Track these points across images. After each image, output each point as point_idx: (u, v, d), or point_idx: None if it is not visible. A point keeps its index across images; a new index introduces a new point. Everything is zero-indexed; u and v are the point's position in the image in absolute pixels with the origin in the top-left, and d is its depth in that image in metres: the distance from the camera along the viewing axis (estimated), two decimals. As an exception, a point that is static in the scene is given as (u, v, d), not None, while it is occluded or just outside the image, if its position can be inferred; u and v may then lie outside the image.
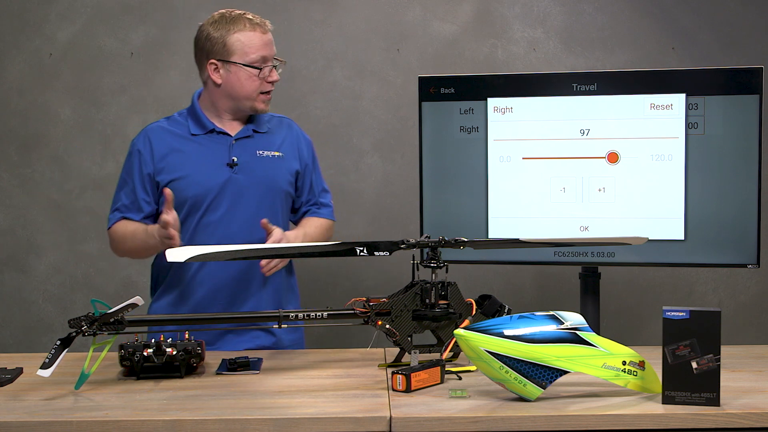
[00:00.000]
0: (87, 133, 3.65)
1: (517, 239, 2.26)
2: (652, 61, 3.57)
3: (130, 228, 2.47)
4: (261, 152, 2.50)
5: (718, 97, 2.81)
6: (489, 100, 2.91)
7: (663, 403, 1.83)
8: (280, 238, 2.36)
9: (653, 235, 2.56)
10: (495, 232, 2.88)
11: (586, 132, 2.90)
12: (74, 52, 3.62)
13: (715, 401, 1.81)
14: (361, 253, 2.13)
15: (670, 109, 2.85)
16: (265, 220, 2.37)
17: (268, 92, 2.49)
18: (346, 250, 2.15)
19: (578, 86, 2.88)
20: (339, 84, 3.64)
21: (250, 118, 2.54)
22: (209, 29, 2.48)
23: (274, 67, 2.49)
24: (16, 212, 3.67)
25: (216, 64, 2.45)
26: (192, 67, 3.65)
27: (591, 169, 2.91)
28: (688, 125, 2.84)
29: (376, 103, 3.64)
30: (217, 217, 2.45)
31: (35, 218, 3.66)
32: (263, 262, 2.39)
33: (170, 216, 2.28)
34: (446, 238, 2.15)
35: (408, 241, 2.15)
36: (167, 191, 2.33)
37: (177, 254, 2.09)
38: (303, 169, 2.60)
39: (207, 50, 2.46)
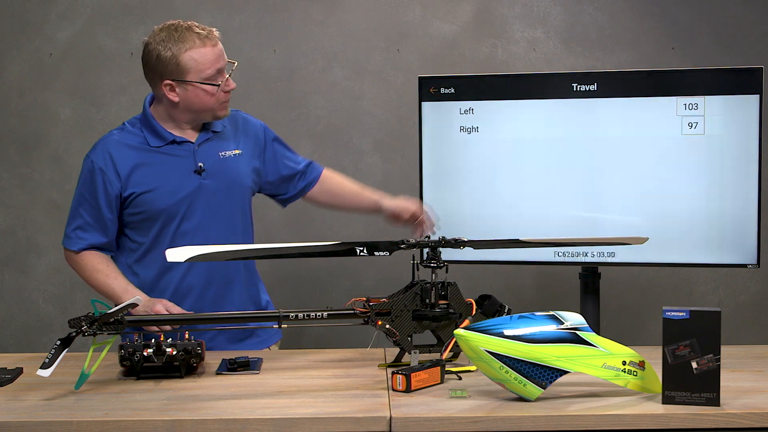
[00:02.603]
0: (87, 133, 3.64)
1: (517, 239, 2.26)
2: (652, 61, 3.57)
3: (99, 267, 2.41)
4: (223, 153, 2.46)
5: (718, 97, 2.81)
6: (492, 102, 2.91)
7: (663, 403, 1.83)
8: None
9: (654, 235, 2.56)
10: (495, 232, 2.88)
11: (586, 132, 2.90)
12: (74, 52, 3.62)
13: (715, 401, 1.81)
14: (361, 253, 2.13)
15: (671, 110, 2.85)
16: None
17: (227, 100, 2.44)
18: (346, 250, 2.15)
19: (578, 86, 2.88)
20: (339, 84, 3.64)
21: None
22: (159, 49, 2.37)
23: (229, 73, 2.43)
24: (16, 212, 3.67)
25: (171, 84, 2.37)
26: (192, 67, 3.65)
27: (591, 169, 2.91)
28: (688, 125, 2.85)
29: (376, 103, 3.64)
30: (193, 225, 2.42)
31: (35, 218, 3.66)
32: None
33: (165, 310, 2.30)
34: (446, 238, 2.15)
35: (408, 241, 2.15)
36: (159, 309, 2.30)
37: (177, 254, 2.09)
38: (272, 155, 2.57)
39: (160, 71, 2.37)
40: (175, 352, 2.05)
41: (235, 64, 2.45)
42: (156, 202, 2.40)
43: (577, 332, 1.90)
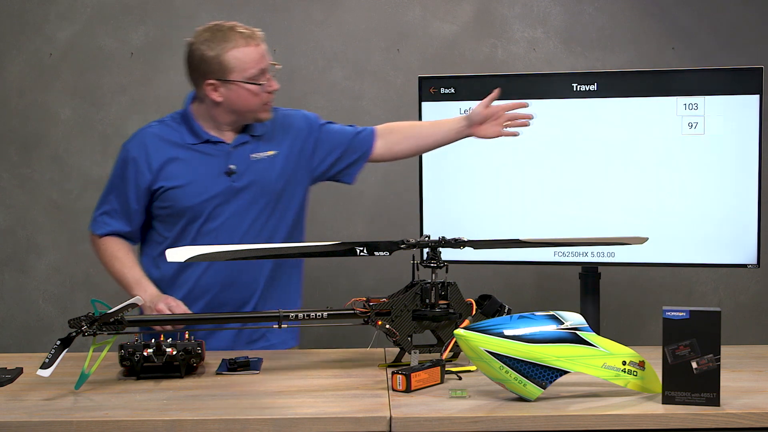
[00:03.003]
0: (87, 133, 3.65)
1: (517, 239, 2.26)
2: (652, 61, 3.57)
3: (118, 255, 2.43)
4: (255, 155, 2.44)
5: (718, 97, 2.82)
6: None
7: (663, 403, 1.83)
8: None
9: (654, 235, 2.56)
10: (495, 232, 2.88)
11: (585, 132, 2.90)
12: (74, 52, 3.62)
13: (715, 401, 1.81)
14: (361, 253, 2.13)
15: (671, 110, 2.85)
16: None
17: (269, 101, 2.43)
18: (346, 250, 2.15)
19: (578, 86, 2.88)
20: (339, 84, 3.64)
21: (246, 124, 2.47)
22: (202, 49, 2.36)
23: (273, 74, 2.41)
24: (16, 212, 3.67)
25: (214, 84, 2.36)
26: (192, 67, 3.65)
27: (591, 169, 2.91)
28: (688, 125, 2.85)
29: (376, 103, 3.64)
30: (218, 225, 2.42)
31: (35, 218, 3.66)
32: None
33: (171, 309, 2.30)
34: (446, 238, 2.15)
35: (408, 241, 2.15)
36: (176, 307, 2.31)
37: (177, 254, 2.09)
38: (317, 143, 2.51)
39: (203, 71, 2.36)
40: (175, 352, 2.05)
41: (278, 66, 2.44)
42: (183, 198, 2.40)
43: (577, 332, 1.90)
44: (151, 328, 2.27)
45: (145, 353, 2.05)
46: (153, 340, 2.07)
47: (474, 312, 2.14)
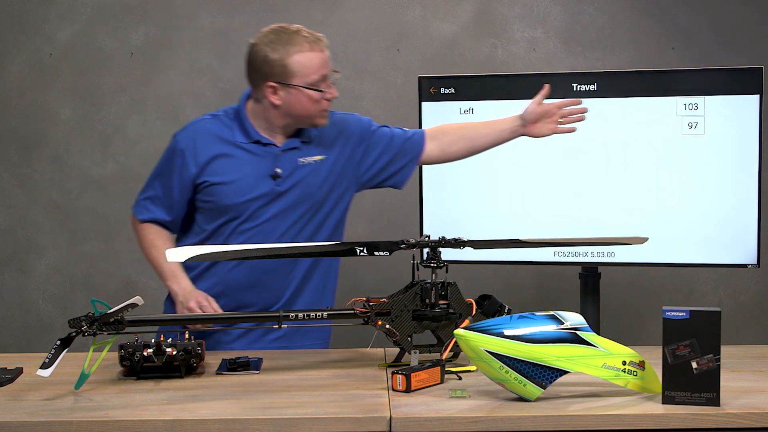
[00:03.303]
0: (87, 133, 3.65)
1: (517, 239, 2.25)
2: (652, 61, 3.57)
3: (156, 244, 2.44)
4: (303, 160, 2.42)
5: (718, 97, 2.82)
6: (492, 102, 2.91)
7: (663, 403, 1.83)
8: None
9: (654, 235, 2.56)
10: (495, 232, 2.88)
11: (585, 132, 2.90)
12: (74, 52, 3.62)
13: (715, 401, 1.81)
14: (361, 253, 2.13)
15: (671, 110, 2.85)
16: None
17: (327, 108, 2.40)
18: (346, 250, 2.15)
19: (578, 86, 2.88)
20: (339, 84, 3.61)
21: (298, 129, 2.44)
22: (266, 50, 2.33)
23: (333, 81, 2.39)
24: (16, 212, 3.67)
25: (275, 87, 2.35)
26: (192, 66, 3.67)
27: (591, 169, 2.92)
28: (688, 125, 2.85)
29: (376, 103, 3.64)
30: (255, 226, 2.41)
31: (35, 218, 3.67)
32: None
33: (203, 308, 2.31)
34: (446, 238, 2.15)
35: (408, 241, 2.15)
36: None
37: (177, 254, 2.09)
38: (364, 149, 2.49)
39: (265, 72, 2.34)
40: (175, 352, 2.05)
41: (338, 75, 2.42)
42: (225, 196, 2.40)
43: (577, 332, 1.90)
44: (186, 327, 2.28)
45: (145, 353, 2.04)
46: (153, 340, 2.07)
47: (474, 312, 2.14)
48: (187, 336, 2.11)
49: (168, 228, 2.49)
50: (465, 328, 1.89)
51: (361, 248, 2.13)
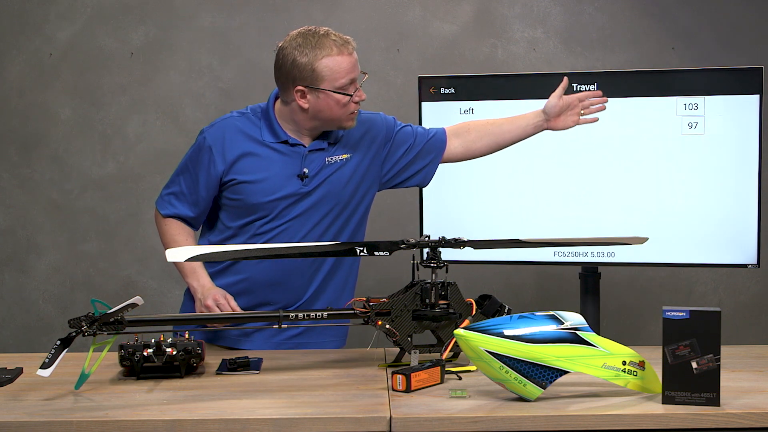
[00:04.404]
0: (87, 133, 3.65)
1: (517, 239, 2.25)
2: (652, 61, 3.57)
3: (178, 240, 2.44)
4: (330, 159, 2.41)
5: (718, 97, 2.82)
6: (492, 102, 2.91)
7: (663, 403, 1.83)
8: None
9: (654, 235, 2.56)
10: (495, 232, 2.88)
11: (586, 132, 2.90)
12: (74, 52, 3.62)
13: (715, 401, 1.81)
14: (361, 253, 2.13)
15: (671, 110, 2.85)
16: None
17: (355, 111, 2.39)
18: (346, 250, 2.15)
19: (578, 86, 2.88)
20: (339, 84, 3.63)
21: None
22: (295, 54, 2.31)
23: (360, 84, 2.37)
24: (16, 212, 3.67)
25: (303, 91, 2.33)
26: (192, 66, 3.67)
27: (591, 169, 2.92)
28: (688, 125, 2.85)
29: (376, 103, 3.63)
30: (280, 225, 2.41)
31: (35, 218, 3.67)
32: None
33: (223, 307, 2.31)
34: (446, 238, 2.15)
35: (408, 241, 2.15)
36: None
37: (177, 254, 2.09)
38: (389, 148, 2.48)
39: (294, 76, 2.33)
40: (175, 352, 2.05)
41: (366, 77, 2.39)
42: (252, 195, 2.39)
43: (577, 332, 1.90)
44: (205, 325, 2.29)
45: (145, 353, 2.04)
46: (153, 340, 2.07)
47: (474, 312, 2.14)
48: (186, 336, 2.11)
49: (190, 224, 2.49)
50: (465, 328, 1.89)
51: (361, 248, 2.13)
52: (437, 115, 2.93)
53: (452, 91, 2.95)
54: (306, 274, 2.44)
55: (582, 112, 2.48)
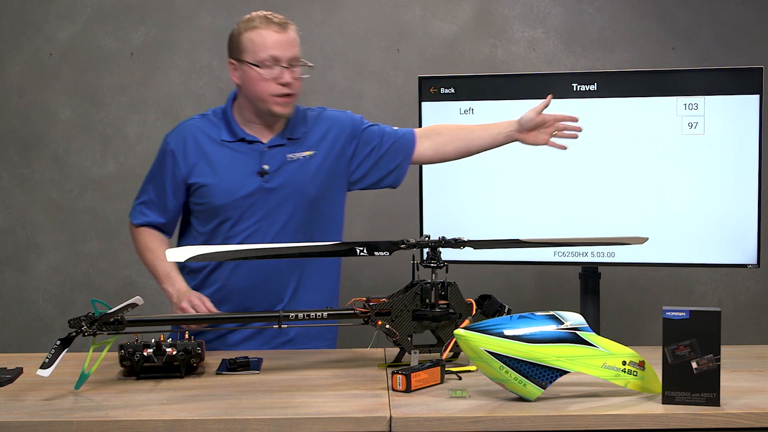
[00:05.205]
0: (87, 133, 3.65)
1: (517, 239, 2.25)
2: (652, 61, 3.57)
3: (151, 247, 2.46)
4: (291, 156, 2.41)
5: (718, 97, 2.82)
6: (492, 102, 2.91)
7: (663, 403, 1.83)
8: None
9: (654, 235, 2.56)
10: (495, 232, 2.88)
11: (585, 132, 2.89)
12: (74, 52, 3.62)
13: (715, 401, 1.81)
14: (361, 253, 2.13)
15: (671, 110, 2.85)
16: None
17: (283, 95, 2.36)
18: (346, 250, 2.15)
19: (578, 86, 2.88)
20: (339, 84, 3.64)
21: (285, 126, 2.44)
22: (234, 28, 2.42)
23: (292, 69, 2.37)
24: (16, 212, 3.67)
25: (234, 63, 2.39)
26: (192, 66, 3.67)
27: (591, 169, 2.91)
28: (688, 125, 2.85)
29: (376, 103, 3.64)
30: (249, 226, 2.41)
31: (35, 218, 3.66)
32: None
33: (197, 308, 2.31)
34: (446, 238, 2.15)
35: (408, 241, 2.15)
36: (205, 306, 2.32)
37: (176, 254, 2.09)
38: (354, 147, 2.48)
39: (228, 49, 2.41)
40: (175, 352, 2.05)
41: (304, 65, 2.40)
42: (215, 197, 2.40)
43: (577, 332, 1.90)
44: (180, 327, 2.28)
45: (145, 353, 2.05)
46: (153, 340, 2.07)
47: (474, 312, 2.14)
48: (187, 336, 2.11)
49: (163, 231, 2.50)
50: (465, 328, 1.89)
51: (361, 248, 2.13)
52: (437, 115, 2.93)
53: (452, 91, 2.95)
54: (282, 277, 2.43)
55: (555, 133, 2.46)
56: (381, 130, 2.52)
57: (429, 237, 2.17)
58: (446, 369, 2.02)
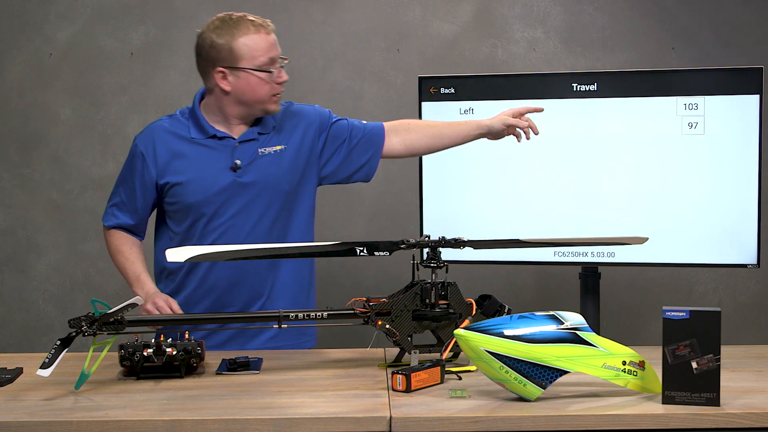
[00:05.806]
0: (87, 133, 3.65)
1: (517, 239, 2.25)
2: (652, 61, 3.57)
3: (122, 249, 2.47)
4: (263, 150, 2.42)
5: (718, 97, 2.82)
6: (492, 102, 2.91)
7: (663, 403, 1.83)
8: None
9: (654, 235, 2.56)
10: (495, 232, 2.88)
11: (586, 132, 2.90)
12: (74, 52, 3.62)
13: (715, 401, 1.81)
14: (361, 253, 2.13)
15: (671, 109, 2.85)
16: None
17: (278, 93, 2.41)
18: (346, 250, 2.15)
19: (578, 86, 2.88)
20: (339, 84, 3.64)
21: (254, 121, 2.45)
22: (212, 36, 2.36)
23: (282, 66, 2.40)
24: (16, 212, 3.67)
25: (223, 72, 2.36)
26: (192, 66, 3.65)
27: (591, 169, 2.91)
28: (688, 125, 2.85)
29: (376, 103, 3.64)
30: (223, 222, 2.41)
31: (35, 218, 3.66)
32: None
33: (164, 309, 2.33)
34: (446, 238, 2.15)
35: (408, 241, 2.15)
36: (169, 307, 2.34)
37: (177, 254, 2.09)
38: (324, 140, 2.48)
39: (213, 58, 2.36)
40: (175, 352, 2.05)
41: (287, 61, 2.42)
42: (188, 194, 2.40)
43: (577, 332, 1.90)
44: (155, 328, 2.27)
45: (145, 353, 2.04)
46: (153, 340, 2.07)
47: (474, 312, 2.14)
48: (187, 336, 2.10)
49: (134, 233, 2.50)
50: (465, 328, 1.89)
51: (361, 248, 2.13)
52: (437, 115, 2.93)
53: (452, 91, 2.95)
54: (262, 273, 2.44)
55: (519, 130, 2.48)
56: (349, 124, 2.53)
57: (429, 237, 2.17)
58: (446, 369, 2.02)
